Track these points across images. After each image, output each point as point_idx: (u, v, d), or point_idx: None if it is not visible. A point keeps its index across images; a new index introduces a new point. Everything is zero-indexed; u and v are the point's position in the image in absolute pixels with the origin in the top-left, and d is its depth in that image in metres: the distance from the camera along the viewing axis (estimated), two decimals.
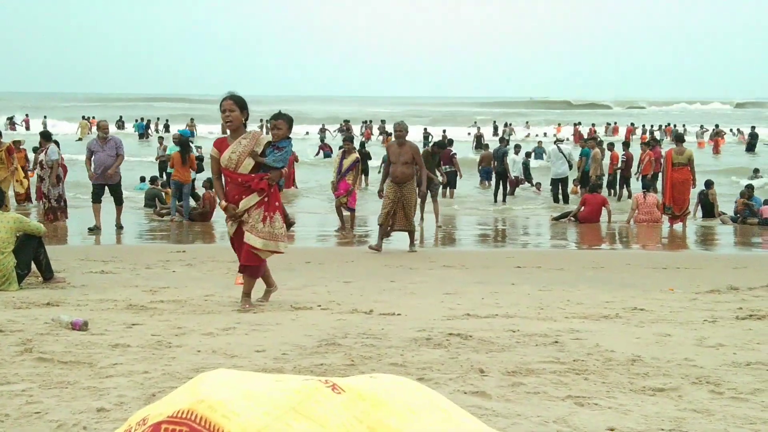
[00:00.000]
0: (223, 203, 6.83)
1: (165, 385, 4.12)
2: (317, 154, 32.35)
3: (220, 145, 6.88)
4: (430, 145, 17.63)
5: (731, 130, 49.62)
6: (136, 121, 49.35)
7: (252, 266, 6.87)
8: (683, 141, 17.05)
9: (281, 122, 7.00)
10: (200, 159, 19.76)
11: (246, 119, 6.85)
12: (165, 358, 4.84)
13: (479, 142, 36.06)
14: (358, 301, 7.21)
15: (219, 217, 16.39)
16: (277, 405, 1.73)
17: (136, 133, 46.51)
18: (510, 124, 51.13)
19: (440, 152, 16.67)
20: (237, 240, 6.92)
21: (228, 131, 6.86)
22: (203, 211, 16.04)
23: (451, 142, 21.79)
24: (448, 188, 20.19)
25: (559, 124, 52.10)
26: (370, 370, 4.49)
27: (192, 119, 50.46)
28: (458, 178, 20.63)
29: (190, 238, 14.13)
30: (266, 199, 6.79)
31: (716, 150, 38.92)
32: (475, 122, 54.64)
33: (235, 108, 6.72)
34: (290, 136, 7.11)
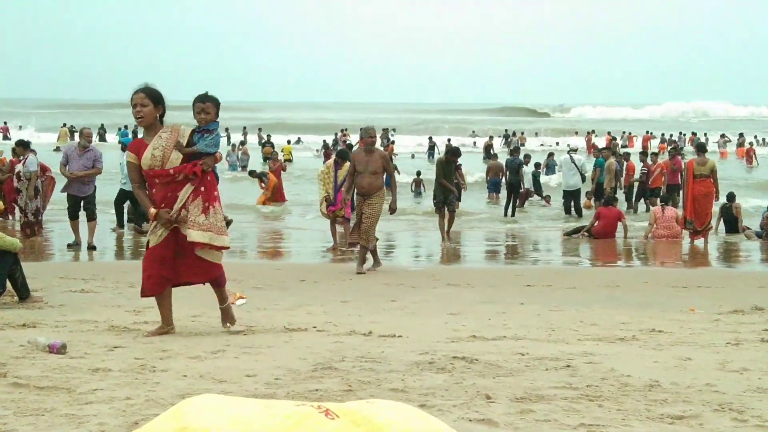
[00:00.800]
0: (152, 210, 6.37)
1: (148, 412, 4.11)
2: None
3: (137, 147, 6.48)
4: (444, 152, 17.32)
5: (756, 138, 49.68)
6: (120, 129, 48.82)
7: (216, 278, 6.68)
8: (705, 151, 17.07)
9: (209, 105, 6.59)
10: None
11: (162, 115, 6.47)
12: (149, 383, 4.83)
13: (488, 152, 36.08)
14: (356, 321, 7.21)
15: None
16: (265, 431, 1.73)
17: (120, 143, 46.32)
18: (522, 133, 51.30)
19: (454, 160, 16.22)
20: (180, 259, 6.52)
21: (142, 130, 6.52)
22: None
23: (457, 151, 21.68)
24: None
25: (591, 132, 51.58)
26: (368, 396, 4.49)
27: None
28: (463, 190, 20.60)
29: None
30: (203, 188, 6.41)
31: (750, 161, 38.87)
32: (474, 132, 54.73)
33: (148, 102, 6.36)
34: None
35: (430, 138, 44.63)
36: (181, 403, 1.94)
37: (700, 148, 17.38)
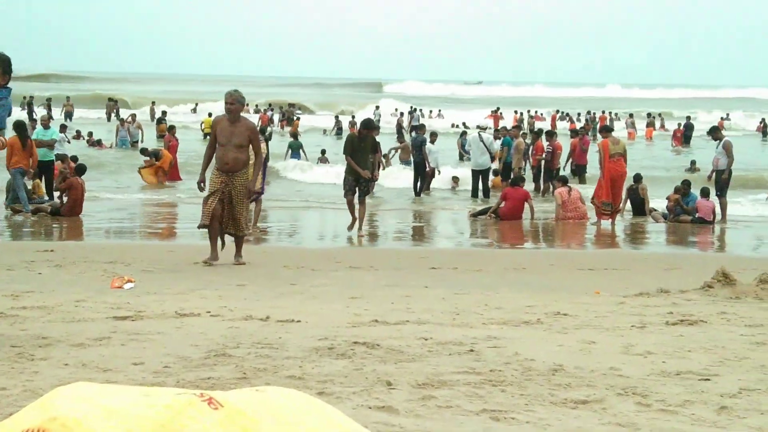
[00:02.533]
0: None
1: (25, 404, 3.97)
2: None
3: None
4: (358, 126, 15.04)
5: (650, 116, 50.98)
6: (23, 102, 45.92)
7: None
8: (612, 131, 17.55)
9: None
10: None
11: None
12: (26, 372, 4.70)
13: (400, 132, 36.08)
14: (253, 306, 7.15)
15: (92, 210, 16.05)
16: (142, 422, 1.69)
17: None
18: (421, 110, 51.60)
19: (369, 134, 14.00)
20: None
21: None
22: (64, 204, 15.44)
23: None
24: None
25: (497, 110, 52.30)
26: (263, 384, 4.46)
27: (68, 98, 49.30)
28: (381, 168, 20.14)
29: (61, 234, 13.78)
30: None
31: (678, 141, 39.37)
32: (377, 107, 54.70)
33: None
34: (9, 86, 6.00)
35: (336, 117, 44.64)
36: (52, 392, 1.88)
37: (607, 129, 17.88)
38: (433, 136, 23.36)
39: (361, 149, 13.92)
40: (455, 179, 23.10)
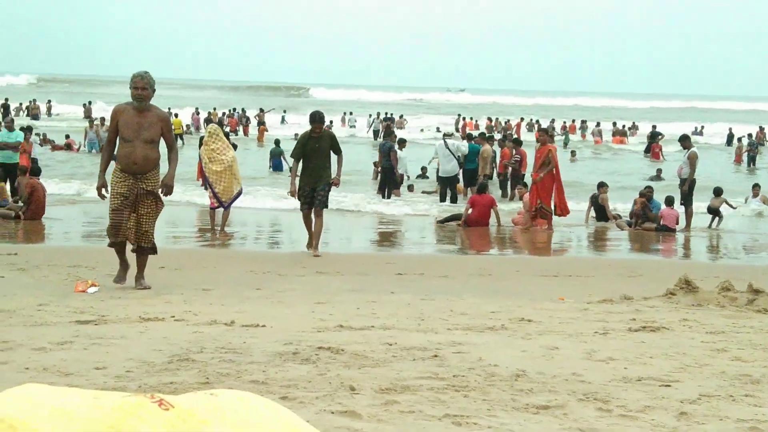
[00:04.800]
0: None
1: None
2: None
3: None
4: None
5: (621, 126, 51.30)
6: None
7: None
8: (553, 137, 18.22)
9: None
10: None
11: None
12: None
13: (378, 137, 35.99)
14: (218, 311, 7.13)
15: (56, 214, 15.90)
16: (92, 424, 1.68)
17: None
18: (401, 116, 51.78)
19: (326, 132, 12.43)
20: None
21: None
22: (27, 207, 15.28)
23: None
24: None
25: (471, 118, 52.56)
26: (227, 389, 4.44)
27: (34, 100, 49.10)
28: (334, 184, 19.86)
29: (24, 238, 13.64)
30: None
31: (656, 156, 36.40)
32: (350, 114, 54.77)
33: None
34: None
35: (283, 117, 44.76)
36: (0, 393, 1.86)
37: (549, 135, 18.70)
38: (402, 143, 23.38)
39: (316, 151, 11.91)
40: (410, 187, 23.03)
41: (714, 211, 18.10)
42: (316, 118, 12.08)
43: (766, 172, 32.28)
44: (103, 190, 8.64)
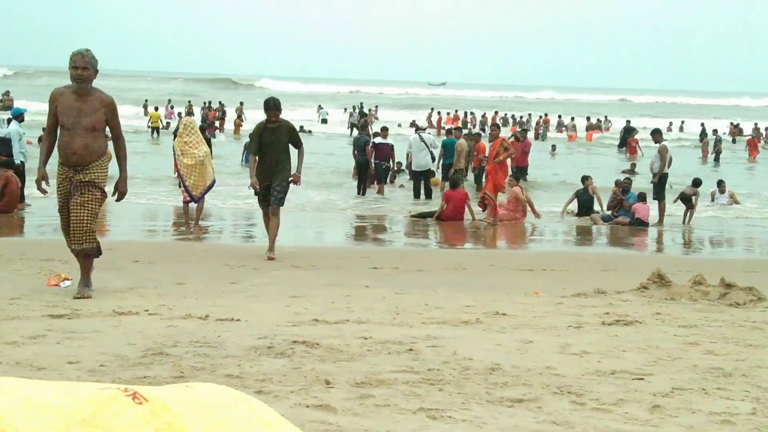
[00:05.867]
0: None
1: None
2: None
3: None
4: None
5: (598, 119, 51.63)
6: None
7: None
8: (500, 129, 19.34)
9: None
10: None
11: None
12: None
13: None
14: (192, 305, 7.10)
15: (30, 207, 15.77)
16: (64, 417, 1.67)
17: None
18: (376, 107, 51.78)
19: (284, 122, 10.98)
20: None
21: None
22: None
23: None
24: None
25: (448, 113, 52.60)
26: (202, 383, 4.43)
27: (8, 92, 48.58)
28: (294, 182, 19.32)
29: None
30: None
31: (633, 151, 35.46)
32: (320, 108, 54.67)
33: None
34: None
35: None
36: None
37: (498, 128, 19.36)
38: (384, 130, 23.28)
39: (273, 144, 10.80)
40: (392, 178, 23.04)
41: (686, 199, 18.15)
42: (271, 105, 10.81)
43: (732, 167, 32.62)
44: (44, 184, 7.72)
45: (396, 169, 22.90)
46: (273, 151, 10.78)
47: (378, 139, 22.09)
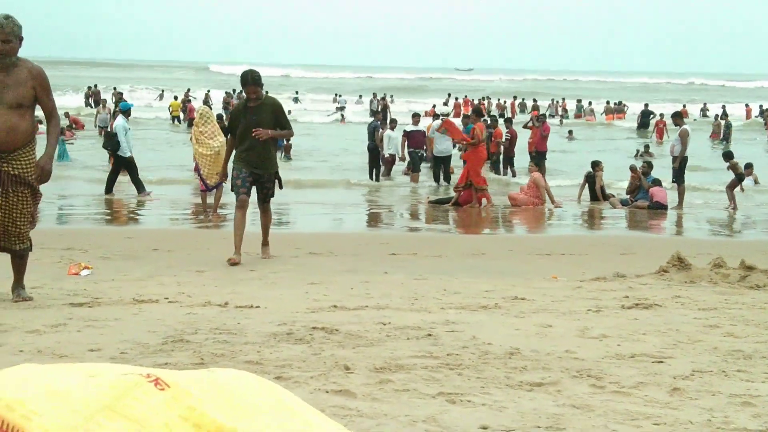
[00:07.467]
0: None
1: None
2: None
3: None
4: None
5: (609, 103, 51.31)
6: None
7: None
8: (482, 116, 19.54)
9: None
10: None
11: None
12: None
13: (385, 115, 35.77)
14: (211, 292, 7.13)
15: (48, 196, 15.87)
16: (88, 403, 1.69)
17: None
18: (390, 96, 51.61)
19: (268, 99, 9.74)
20: None
21: None
22: None
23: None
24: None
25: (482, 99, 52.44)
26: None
27: None
28: (283, 158, 18.21)
29: None
30: None
31: (660, 135, 35.14)
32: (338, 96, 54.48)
33: None
34: None
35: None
36: None
37: (477, 113, 19.39)
38: (393, 122, 23.32)
39: (254, 125, 9.16)
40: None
41: (740, 178, 18.10)
42: (248, 79, 9.16)
43: (741, 147, 32.29)
44: None
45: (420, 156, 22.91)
46: (248, 134, 9.18)
47: (410, 127, 22.08)
